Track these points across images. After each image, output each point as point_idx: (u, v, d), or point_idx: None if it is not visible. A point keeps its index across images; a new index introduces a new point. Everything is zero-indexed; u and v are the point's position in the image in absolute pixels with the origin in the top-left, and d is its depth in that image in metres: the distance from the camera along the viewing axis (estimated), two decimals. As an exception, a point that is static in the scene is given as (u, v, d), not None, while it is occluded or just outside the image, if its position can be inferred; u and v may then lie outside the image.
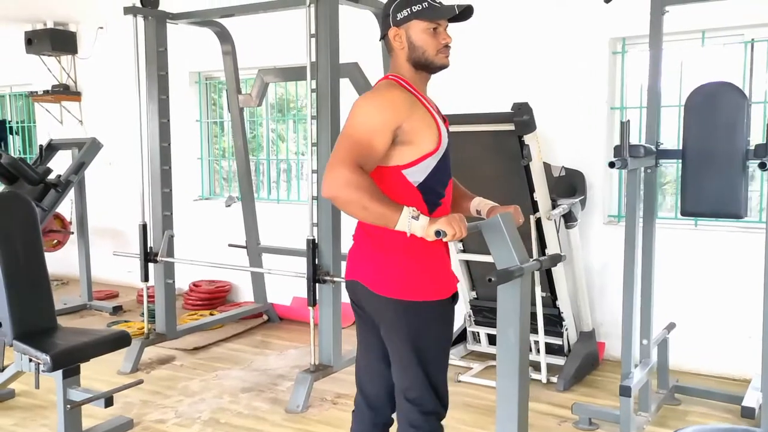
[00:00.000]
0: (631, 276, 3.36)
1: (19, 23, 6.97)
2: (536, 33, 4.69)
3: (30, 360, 3.21)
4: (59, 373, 3.17)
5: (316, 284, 3.93)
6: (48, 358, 3.05)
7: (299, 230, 4.22)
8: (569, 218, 4.19)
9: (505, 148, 3.84)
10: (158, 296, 4.77)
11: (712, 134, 3.24)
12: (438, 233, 1.93)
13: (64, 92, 7.02)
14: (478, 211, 2.36)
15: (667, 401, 3.83)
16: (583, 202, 4.44)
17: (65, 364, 3.15)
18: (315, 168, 3.90)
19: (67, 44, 6.96)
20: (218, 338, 5.15)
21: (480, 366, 4.42)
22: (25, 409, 3.82)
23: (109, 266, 6.54)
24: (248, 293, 5.91)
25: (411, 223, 1.94)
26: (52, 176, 5.70)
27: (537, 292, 4.02)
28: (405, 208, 1.95)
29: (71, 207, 6.29)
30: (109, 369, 4.34)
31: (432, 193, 2.16)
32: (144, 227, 4.61)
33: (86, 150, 5.80)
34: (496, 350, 2.22)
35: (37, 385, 3.26)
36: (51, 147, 5.99)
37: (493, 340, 4.45)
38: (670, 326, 3.89)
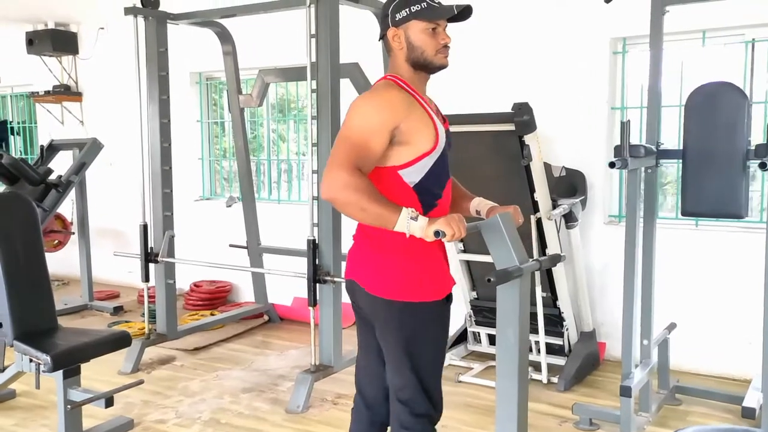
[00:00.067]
0: (632, 276, 3.35)
1: (20, 24, 6.98)
2: (537, 33, 4.69)
3: (30, 360, 3.22)
4: (60, 374, 3.17)
5: (317, 284, 3.93)
6: (48, 359, 3.06)
7: (300, 230, 4.22)
8: (570, 218, 4.19)
9: (506, 149, 3.84)
10: (159, 296, 4.78)
11: (713, 134, 3.23)
12: (437, 233, 1.93)
13: (65, 93, 7.03)
14: (478, 212, 2.36)
15: (668, 401, 3.82)
16: (584, 202, 4.44)
17: (66, 365, 3.15)
18: (315, 168, 3.90)
19: (68, 45, 6.96)
20: (219, 338, 5.15)
21: (481, 366, 4.41)
22: (26, 410, 3.83)
23: (110, 266, 6.55)
24: (249, 293, 5.91)
25: (410, 224, 1.94)
26: (53, 177, 5.71)
27: (537, 292, 4.01)
28: (404, 209, 1.95)
29: (72, 207, 6.29)
30: (110, 369, 4.34)
31: (428, 194, 2.15)
32: (145, 227, 4.61)
33: (87, 150, 5.80)
34: (496, 350, 2.22)
35: (38, 386, 3.26)
36: (52, 147, 6.00)
37: (494, 341, 4.41)
38: (671, 326, 3.88)
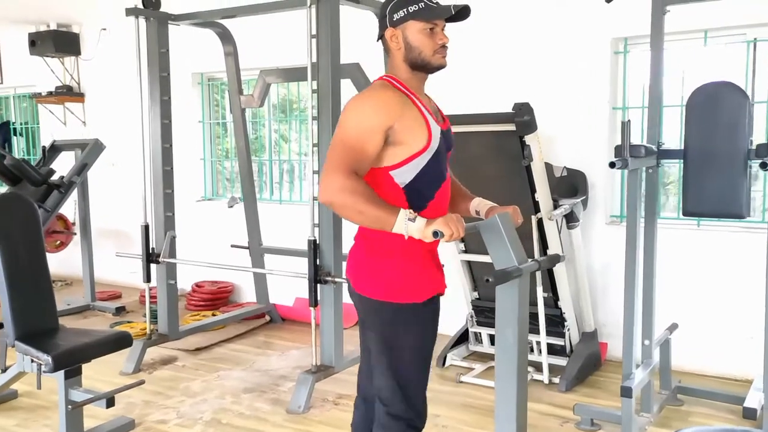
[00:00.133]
0: (633, 276, 3.34)
1: (23, 25, 7.00)
2: (537, 33, 4.68)
3: (32, 361, 3.22)
4: (61, 374, 3.17)
5: (318, 285, 3.93)
6: (49, 359, 3.06)
7: (301, 231, 4.23)
8: (571, 218, 4.18)
9: (507, 149, 3.84)
10: (160, 297, 4.78)
11: (714, 134, 3.22)
12: (436, 234, 1.92)
13: (68, 93, 7.04)
14: (477, 212, 2.36)
15: (670, 402, 3.82)
16: (585, 203, 4.43)
17: (67, 365, 3.15)
18: (316, 169, 3.90)
19: (70, 46, 6.98)
20: (220, 339, 5.15)
21: (482, 366, 4.41)
22: (27, 410, 3.84)
23: (112, 267, 6.55)
24: (251, 294, 5.92)
25: (408, 225, 1.94)
26: (55, 177, 5.72)
27: (539, 293, 4.01)
28: (401, 211, 1.95)
29: (74, 208, 6.30)
30: (111, 369, 4.34)
31: (418, 195, 2.12)
32: (146, 228, 4.62)
33: (89, 151, 5.81)
34: (495, 351, 2.21)
35: (39, 386, 3.26)
36: (54, 148, 6.00)
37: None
38: (673, 327, 3.87)
